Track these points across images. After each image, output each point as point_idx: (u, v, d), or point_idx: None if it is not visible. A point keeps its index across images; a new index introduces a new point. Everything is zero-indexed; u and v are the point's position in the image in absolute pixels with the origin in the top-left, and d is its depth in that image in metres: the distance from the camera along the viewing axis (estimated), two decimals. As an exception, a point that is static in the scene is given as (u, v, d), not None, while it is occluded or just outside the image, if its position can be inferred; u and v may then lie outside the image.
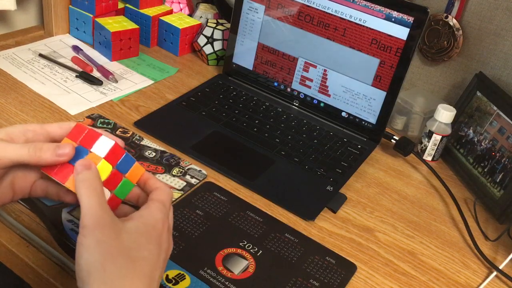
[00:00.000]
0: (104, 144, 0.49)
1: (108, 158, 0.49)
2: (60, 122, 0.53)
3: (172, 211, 0.53)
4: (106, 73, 1.01)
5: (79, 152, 0.49)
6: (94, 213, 0.45)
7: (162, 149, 0.83)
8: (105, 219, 0.45)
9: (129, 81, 1.01)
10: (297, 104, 1.01)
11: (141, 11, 1.13)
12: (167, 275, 0.61)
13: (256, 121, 0.94)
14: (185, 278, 0.62)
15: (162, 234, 0.49)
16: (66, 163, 0.49)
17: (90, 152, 0.49)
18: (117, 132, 0.85)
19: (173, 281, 0.61)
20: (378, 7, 0.87)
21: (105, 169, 0.49)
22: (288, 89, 1.01)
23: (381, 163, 0.91)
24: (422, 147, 0.92)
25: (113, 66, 1.05)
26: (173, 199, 0.74)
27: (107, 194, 0.50)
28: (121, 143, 0.53)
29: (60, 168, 0.49)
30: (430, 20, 0.98)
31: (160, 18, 1.14)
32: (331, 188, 0.81)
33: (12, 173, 0.52)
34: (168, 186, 0.53)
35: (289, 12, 0.96)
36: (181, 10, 1.22)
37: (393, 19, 0.86)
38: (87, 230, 0.44)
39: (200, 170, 0.80)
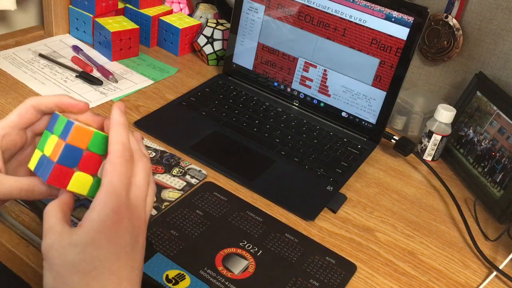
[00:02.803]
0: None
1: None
2: (17, 108, 0.50)
3: (142, 166, 0.47)
4: (106, 73, 1.01)
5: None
6: (51, 234, 0.43)
7: (162, 149, 0.83)
8: (53, 237, 0.43)
9: (129, 81, 1.01)
10: (297, 104, 1.01)
11: (141, 11, 1.13)
12: (167, 275, 0.61)
13: (256, 121, 0.94)
14: (185, 278, 0.62)
15: (118, 229, 0.44)
16: (63, 167, 0.47)
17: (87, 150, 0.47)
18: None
19: (173, 281, 0.61)
20: (378, 7, 0.87)
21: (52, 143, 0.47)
22: (288, 89, 1.01)
23: (381, 163, 0.91)
24: (422, 147, 0.92)
25: (113, 66, 1.05)
26: (173, 199, 0.74)
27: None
28: (82, 105, 0.50)
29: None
30: (430, 20, 0.98)
31: (160, 18, 1.14)
32: (331, 188, 0.81)
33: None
34: (121, 141, 0.46)
35: (289, 12, 0.96)
36: (181, 10, 1.22)
37: (393, 19, 0.86)
38: (43, 254, 0.43)
39: (200, 170, 0.80)
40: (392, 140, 0.93)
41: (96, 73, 1.02)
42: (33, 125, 0.52)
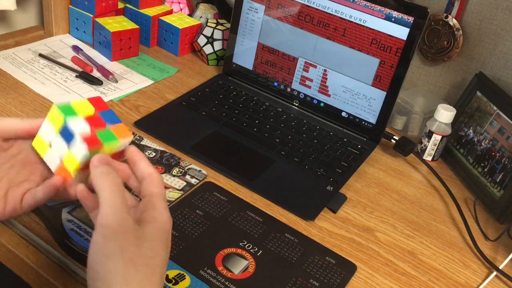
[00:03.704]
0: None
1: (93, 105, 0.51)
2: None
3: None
4: (106, 73, 1.01)
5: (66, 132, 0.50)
6: (119, 213, 0.42)
7: (162, 149, 0.83)
8: (129, 222, 0.42)
9: (129, 81, 1.01)
10: (297, 104, 1.01)
11: (141, 11, 1.13)
12: (167, 275, 0.61)
13: (256, 121, 0.94)
14: (185, 278, 0.62)
15: (169, 234, 0.47)
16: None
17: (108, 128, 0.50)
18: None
19: (173, 281, 0.61)
20: (378, 7, 0.87)
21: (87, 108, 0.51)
22: (288, 89, 1.01)
23: (381, 163, 0.91)
24: (422, 147, 0.92)
25: (113, 66, 1.05)
26: (173, 199, 0.74)
27: (87, 128, 0.50)
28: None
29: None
30: (430, 20, 0.98)
31: (160, 18, 1.14)
32: (331, 188, 0.81)
33: (2, 180, 0.52)
34: (157, 172, 0.50)
35: (289, 12, 0.96)
36: (181, 10, 1.22)
37: (393, 19, 0.86)
38: (109, 232, 0.41)
39: (200, 170, 0.80)
40: (392, 140, 0.93)
41: (96, 73, 1.02)
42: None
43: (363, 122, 0.95)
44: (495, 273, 0.72)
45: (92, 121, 0.50)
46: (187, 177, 0.79)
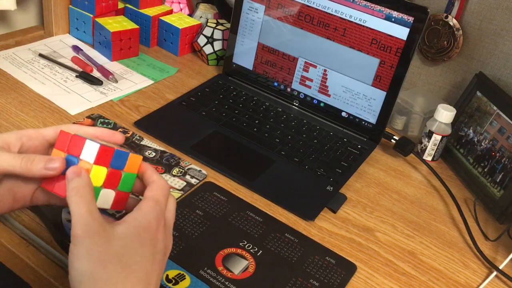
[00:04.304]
0: (90, 149, 0.49)
1: (98, 161, 0.48)
2: (56, 126, 0.53)
3: (172, 205, 0.52)
4: (106, 73, 1.01)
5: (70, 162, 0.49)
6: (84, 221, 0.44)
7: (162, 149, 0.83)
8: (94, 226, 0.45)
9: (129, 81, 1.01)
10: (297, 104, 1.01)
11: (141, 11, 1.13)
12: (167, 275, 0.61)
13: (256, 121, 0.94)
14: (185, 278, 0.62)
15: (157, 235, 0.48)
16: (61, 176, 0.48)
17: (80, 160, 0.48)
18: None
19: (173, 281, 0.61)
20: (378, 7, 0.87)
21: (100, 173, 0.49)
22: (288, 89, 1.01)
23: (381, 163, 0.91)
24: (422, 147, 0.92)
25: (113, 66, 1.05)
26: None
27: (111, 194, 0.50)
28: (120, 137, 0.53)
29: (58, 182, 0.49)
30: (430, 20, 0.98)
31: (160, 18, 1.14)
32: (331, 188, 0.81)
33: (11, 180, 0.52)
34: (164, 180, 0.52)
35: (289, 12, 0.96)
36: (181, 10, 1.22)
37: (393, 19, 0.86)
38: (77, 239, 0.44)
39: (200, 170, 0.80)
40: (392, 140, 0.93)
41: (96, 73, 1.02)
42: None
43: (363, 122, 0.95)
44: (495, 273, 0.72)
45: (109, 183, 0.50)
46: (187, 177, 0.79)
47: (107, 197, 0.50)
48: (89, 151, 0.48)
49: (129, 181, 0.51)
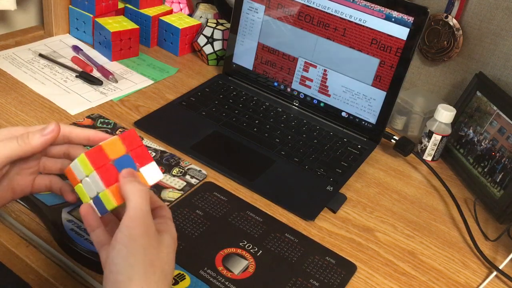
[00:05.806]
0: (153, 172, 0.51)
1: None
2: (42, 126, 0.52)
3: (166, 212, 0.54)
4: (106, 73, 1.01)
5: (128, 163, 0.50)
6: (145, 218, 0.45)
7: (162, 149, 0.83)
8: (153, 229, 0.46)
9: (129, 81, 1.01)
10: (297, 104, 1.01)
11: (141, 11, 1.13)
12: (167, 275, 0.61)
13: (256, 121, 0.94)
14: (185, 278, 0.62)
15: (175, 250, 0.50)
16: (109, 165, 0.49)
17: (139, 171, 0.50)
18: (117, 132, 0.85)
19: (173, 281, 0.61)
20: (378, 7, 0.87)
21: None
22: (288, 89, 1.01)
23: (381, 163, 0.91)
24: (422, 147, 0.92)
25: (113, 66, 1.05)
26: (173, 199, 0.74)
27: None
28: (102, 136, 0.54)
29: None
30: (430, 20, 0.98)
31: (160, 18, 1.14)
32: (331, 188, 0.81)
33: (9, 175, 0.52)
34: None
35: (289, 12, 0.96)
36: (181, 10, 1.22)
37: (393, 19, 0.86)
38: (136, 233, 0.44)
39: (200, 170, 0.80)
40: (392, 140, 0.93)
41: (96, 73, 1.02)
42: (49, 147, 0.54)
43: (363, 122, 0.95)
44: (495, 273, 0.72)
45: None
46: (187, 177, 0.79)
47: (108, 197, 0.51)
48: (151, 173, 0.52)
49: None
